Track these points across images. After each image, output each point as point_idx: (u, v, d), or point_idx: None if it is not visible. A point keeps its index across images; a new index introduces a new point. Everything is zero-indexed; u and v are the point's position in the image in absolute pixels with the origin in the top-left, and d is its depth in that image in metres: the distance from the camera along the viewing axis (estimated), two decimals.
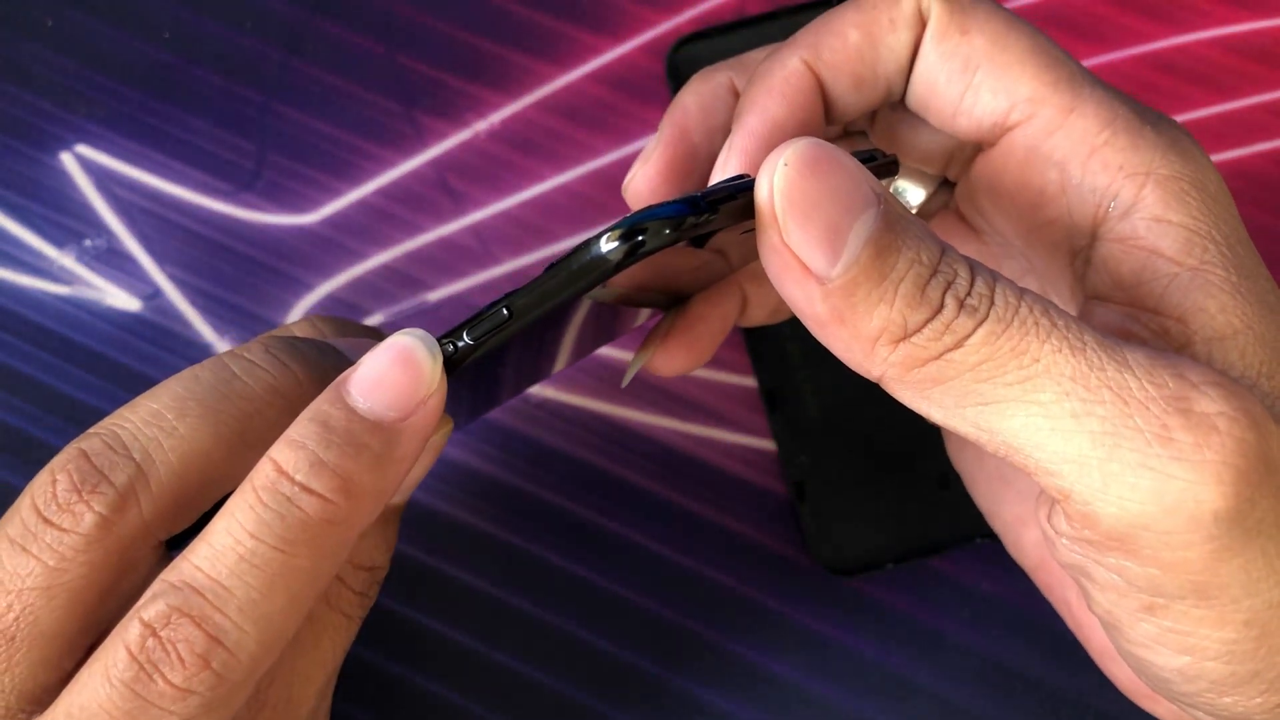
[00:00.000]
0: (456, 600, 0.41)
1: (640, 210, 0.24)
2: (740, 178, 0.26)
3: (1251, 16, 0.45)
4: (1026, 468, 0.25)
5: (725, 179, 0.26)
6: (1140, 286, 0.28)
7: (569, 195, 0.43)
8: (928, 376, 0.25)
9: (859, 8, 0.30)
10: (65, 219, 0.43)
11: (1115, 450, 0.24)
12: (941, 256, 0.25)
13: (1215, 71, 0.44)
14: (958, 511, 0.41)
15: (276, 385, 0.27)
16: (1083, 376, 0.24)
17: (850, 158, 0.24)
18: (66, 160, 0.43)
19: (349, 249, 0.43)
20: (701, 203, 0.24)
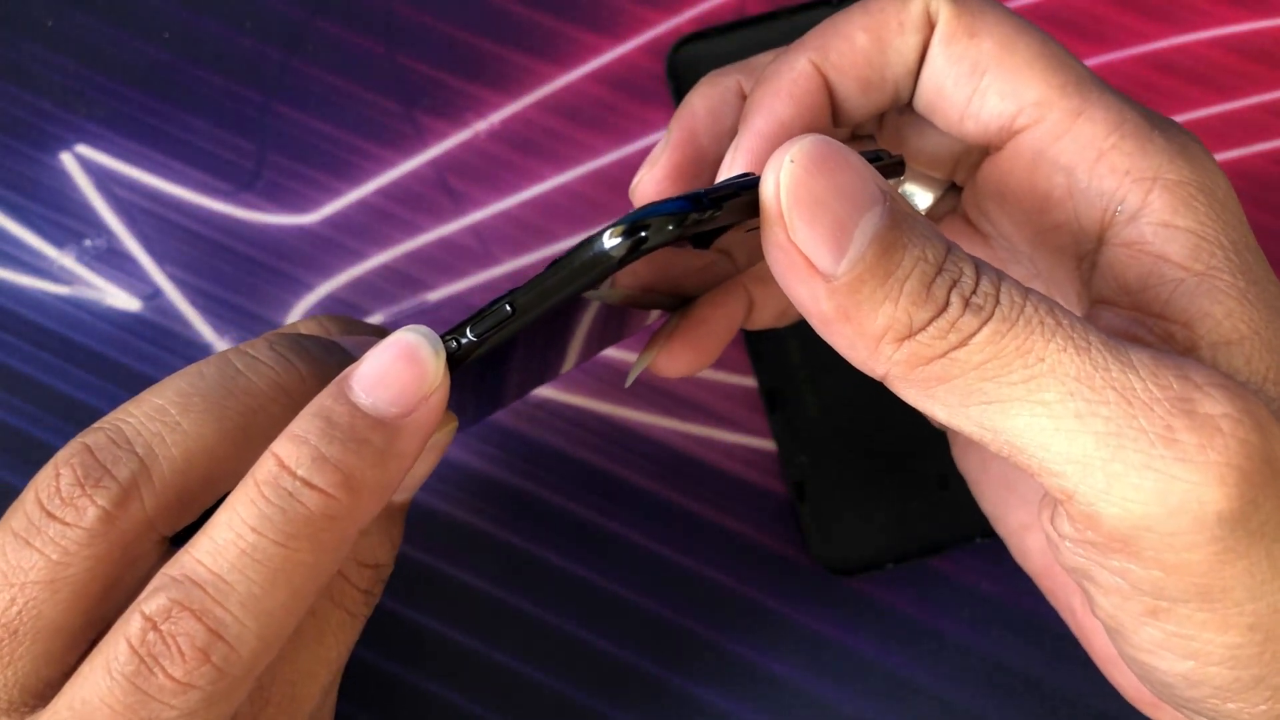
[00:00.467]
0: (456, 600, 0.41)
1: (643, 206, 0.24)
2: (745, 175, 0.26)
3: (1251, 16, 0.45)
4: (1030, 468, 0.25)
5: (730, 177, 0.26)
6: (1146, 291, 0.27)
7: (569, 195, 0.43)
8: (932, 375, 0.25)
9: (867, 10, 0.30)
10: (65, 219, 0.43)
11: (1119, 451, 0.24)
12: (947, 255, 0.24)
13: (1215, 71, 0.44)
14: (958, 511, 0.41)
15: (280, 382, 0.27)
16: (1087, 377, 0.24)
17: (857, 155, 0.24)
18: (66, 160, 0.43)
19: (349, 249, 0.43)
20: (705, 199, 0.24)
